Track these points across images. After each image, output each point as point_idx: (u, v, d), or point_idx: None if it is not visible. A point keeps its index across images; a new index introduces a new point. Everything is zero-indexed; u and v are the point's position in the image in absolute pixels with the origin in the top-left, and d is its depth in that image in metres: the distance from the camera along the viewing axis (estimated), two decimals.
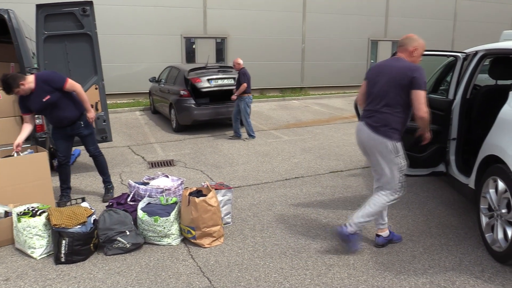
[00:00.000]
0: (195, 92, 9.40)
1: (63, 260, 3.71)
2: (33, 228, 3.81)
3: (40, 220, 3.85)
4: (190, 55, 15.47)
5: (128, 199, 4.48)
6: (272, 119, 11.20)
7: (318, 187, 5.63)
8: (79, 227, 3.78)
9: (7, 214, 4.14)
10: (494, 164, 3.66)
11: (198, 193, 4.15)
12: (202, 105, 9.31)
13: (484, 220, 3.79)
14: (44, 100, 4.68)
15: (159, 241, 4.01)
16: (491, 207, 3.67)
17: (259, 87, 16.05)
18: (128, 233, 3.88)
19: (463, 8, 19.51)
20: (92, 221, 3.93)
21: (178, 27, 14.97)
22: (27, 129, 4.76)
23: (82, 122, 5.01)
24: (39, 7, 5.85)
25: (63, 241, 3.68)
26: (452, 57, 4.98)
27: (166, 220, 3.95)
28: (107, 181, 5.38)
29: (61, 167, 5.12)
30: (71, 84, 4.77)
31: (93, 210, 4.05)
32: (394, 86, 3.52)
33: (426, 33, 18.69)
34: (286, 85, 16.81)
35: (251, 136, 8.78)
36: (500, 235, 3.53)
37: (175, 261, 3.73)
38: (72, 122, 4.97)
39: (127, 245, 3.86)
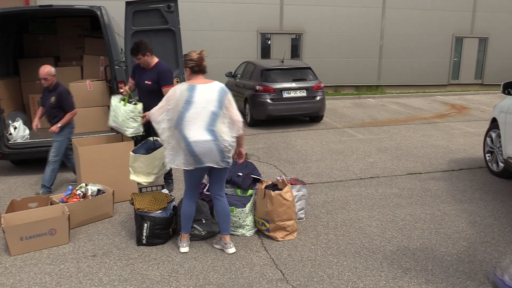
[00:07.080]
0: None
1: (144, 242, 3.93)
2: (131, 112, 4.71)
3: (136, 108, 4.77)
4: (265, 51, 15.60)
5: (205, 190, 4.63)
6: (346, 117, 10.97)
7: (395, 189, 5.44)
8: (160, 212, 3.98)
9: (99, 192, 4.50)
10: None
11: (274, 187, 4.19)
12: (277, 100, 9.36)
13: None
14: (145, 82, 4.93)
15: (234, 231, 4.11)
16: None
17: (333, 84, 15.80)
18: (204, 221, 4.02)
19: None
20: (171, 207, 4.12)
21: (255, 23, 15.15)
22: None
23: None
24: (128, 4, 6.21)
25: (145, 224, 3.90)
26: None
27: (241, 211, 4.04)
28: (169, 174, 5.40)
29: None
30: (166, 92, 4.37)
31: (173, 197, 4.24)
32: None
33: None
34: (361, 83, 16.37)
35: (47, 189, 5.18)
36: None
37: (249, 251, 3.81)
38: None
39: (203, 232, 4.01)
